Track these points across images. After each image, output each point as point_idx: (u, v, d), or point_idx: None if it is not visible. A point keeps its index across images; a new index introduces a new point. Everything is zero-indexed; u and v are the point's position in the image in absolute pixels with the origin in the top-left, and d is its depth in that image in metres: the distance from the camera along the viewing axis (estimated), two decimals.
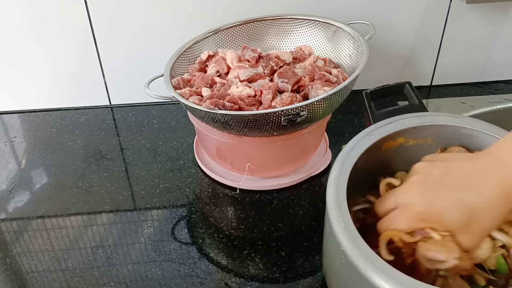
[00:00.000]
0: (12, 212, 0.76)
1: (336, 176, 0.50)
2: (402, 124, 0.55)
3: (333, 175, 0.50)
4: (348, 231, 0.45)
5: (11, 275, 0.65)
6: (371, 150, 0.55)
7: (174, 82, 0.74)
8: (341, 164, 0.51)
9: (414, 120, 0.56)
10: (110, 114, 0.98)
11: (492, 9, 0.92)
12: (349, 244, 0.44)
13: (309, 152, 0.79)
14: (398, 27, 0.93)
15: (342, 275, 0.49)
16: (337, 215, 0.46)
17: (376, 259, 0.43)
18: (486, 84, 1.02)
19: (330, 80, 0.73)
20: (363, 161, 0.55)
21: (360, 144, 0.53)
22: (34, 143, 0.91)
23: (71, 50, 0.92)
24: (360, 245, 0.44)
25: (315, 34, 0.84)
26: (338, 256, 0.47)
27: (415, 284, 0.41)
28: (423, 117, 0.56)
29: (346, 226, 0.45)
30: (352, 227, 0.45)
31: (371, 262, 0.43)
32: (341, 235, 0.45)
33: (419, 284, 0.41)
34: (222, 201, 0.76)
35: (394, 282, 0.41)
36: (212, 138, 0.74)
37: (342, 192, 0.48)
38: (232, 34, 0.86)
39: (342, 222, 0.46)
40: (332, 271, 0.54)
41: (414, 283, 0.41)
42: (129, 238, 0.70)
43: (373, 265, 0.42)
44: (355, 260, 0.43)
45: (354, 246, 0.44)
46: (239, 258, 0.66)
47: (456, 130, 0.56)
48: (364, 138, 0.54)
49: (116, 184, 0.80)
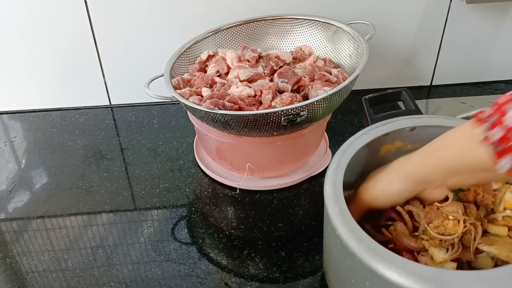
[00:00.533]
0: (12, 212, 0.76)
1: (334, 169, 0.53)
2: (397, 124, 0.58)
3: (331, 168, 0.54)
4: (343, 217, 0.48)
5: (11, 275, 0.65)
6: (370, 150, 0.58)
7: (174, 82, 0.74)
8: (339, 159, 0.55)
9: (409, 121, 0.59)
10: (110, 114, 0.98)
11: (492, 9, 0.92)
12: (343, 228, 0.47)
13: (309, 152, 0.79)
14: (398, 27, 0.93)
15: (339, 263, 0.51)
16: (333, 203, 0.49)
17: (369, 241, 0.45)
18: (486, 84, 1.02)
19: (330, 80, 0.73)
20: (363, 162, 0.58)
21: (358, 141, 0.57)
22: (34, 143, 0.91)
23: (71, 50, 0.92)
24: (354, 229, 0.47)
25: (315, 34, 0.84)
26: (334, 243, 0.49)
27: (407, 264, 0.43)
28: (418, 119, 0.60)
29: (342, 212, 0.48)
30: (347, 214, 0.48)
31: (364, 243, 0.45)
32: (336, 221, 0.48)
33: (411, 264, 0.43)
34: (222, 201, 0.76)
35: (387, 262, 0.43)
36: (212, 138, 0.74)
37: (339, 183, 0.51)
38: (232, 34, 0.86)
39: (338, 209, 0.49)
40: (330, 263, 0.56)
41: (407, 263, 0.43)
42: (129, 238, 0.70)
43: (367, 246, 0.45)
44: (349, 242, 0.45)
45: (348, 229, 0.47)
46: (239, 258, 0.66)
47: None
48: (361, 136, 0.57)
49: (116, 184, 0.80)
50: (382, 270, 0.43)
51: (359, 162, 0.57)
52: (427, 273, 0.42)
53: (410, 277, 0.42)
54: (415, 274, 0.42)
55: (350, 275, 0.49)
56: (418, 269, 0.43)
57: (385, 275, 0.43)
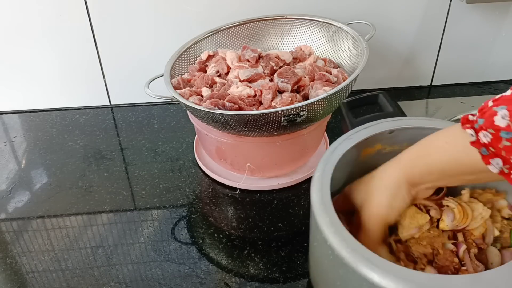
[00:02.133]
0: (12, 212, 0.76)
1: (319, 177, 0.52)
2: (379, 128, 0.58)
3: (316, 176, 0.53)
4: (334, 226, 0.47)
5: (11, 275, 0.65)
6: (352, 154, 0.57)
7: (174, 82, 0.74)
8: (324, 165, 0.53)
9: (390, 124, 0.58)
10: (110, 114, 0.98)
11: (492, 9, 0.92)
12: (335, 238, 0.45)
13: (309, 152, 0.79)
14: (398, 27, 0.93)
15: (330, 274, 0.50)
16: (322, 213, 0.48)
17: (363, 250, 0.44)
18: (486, 84, 1.02)
19: (330, 80, 0.73)
20: (347, 168, 0.58)
21: (341, 146, 0.56)
22: (34, 143, 0.91)
23: (71, 50, 0.92)
24: (346, 238, 0.45)
25: (315, 34, 0.84)
26: (325, 253, 0.48)
27: (403, 272, 0.43)
28: (399, 121, 0.59)
29: (332, 222, 0.47)
30: (337, 222, 0.47)
31: (358, 253, 0.44)
32: (327, 230, 0.46)
33: (407, 271, 0.43)
34: (222, 201, 0.76)
35: (382, 271, 0.42)
36: (212, 138, 0.74)
37: (326, 191, 0.50)
38: (232, 34, 0.86)
39: (328, 218, 0.47)
40: (319, 273, 0.55)
41: (402, 271, 0.43)
42: (129, 238, 0.70)
43: (361, 256, 0.44)
44: (342, 252, 0.44)
45: (340, 239, 0.45)
46: (239, 258, 0.66)
47: (431, 132, 0.59)
48: (344, 142, 0.56)
49: (116, 184, 0.80)
50: (378, 279, 0.42)
51: (342, 167, 0.57)
52: (424, 280, 0.42)
53: (407, 284, 0.41)
54: (411, 281, 0.41)
55: (343, 286, 0.48)
56: (414, 276, 0.42)
57: (381, 285, 0.42)
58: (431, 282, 0.42)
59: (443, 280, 0.42)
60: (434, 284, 0.41)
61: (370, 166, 0.56)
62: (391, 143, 0.59)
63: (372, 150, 0.59)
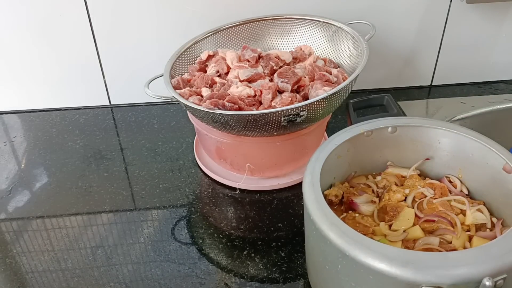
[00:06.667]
0: (12, 212, 0.76)
1: (313, 162, 0.56)
2: (376, 124, 0.61)
3: (311, 161, 0.57)
4: (318, 202, 0.51)
5: (11, 275, 0.65)
6: (350, 147, 0.62)
7: (174, 82, 0.74)
8: (319, 153, 0.58)
9: (388, 122, 0.62)
10: (110, 114, 0.98)
11: (492, 9, 0.92)
12: (318, 213, 0.49)
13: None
14: (398, 27, 0.93)
15: (315, 251, 0.53)
16: (309, 191, 0.52)
17: (341, 225, 0.47)
18: (487, 84, 1.02)
19: (330, 80, 0.72)
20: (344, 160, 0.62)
21: (338, 137, 0.60)
22: (34, 143, 0.91)
23: (71, 50, 0.92)
24: (327, 213, 0.49)
25: (315, 34, 0.84)
26: (310, 230, 0.52)
27: (374, 245, 0.45)
28: (398, 119, 0.63)
29: (317, 199, 0.51)
30: (322, 200, 0.51)
31: (336, 226, 0.47)
32: (311, 206, 0.50)
33: (378, 245, 0.45)
34: (222, 201, 0.76)
35: (355, 243, 0.45)
36: (212, 138, 0.74)
37: (316, 174, 0.54)
38: (232, 34, 0.86)
39: (313, 196, 0.51)
40: (309, 255, 0.58)
41: (374, 244, 0.45)
42: (129, 238, 0.70)
43: (338, 229, 0.47)
44: (322, 225, 0.48)
45: (322, 214, 0.49)
46: (239, 258, 0.66)
47: (431, 132, 0.62)
48: (342, 134, 0.61)
49: (116, 184, 0.80)
50: (352, 251, 0.45)
51: (339, 159, 0.60)
52: (393, 253, 0.44)
53: (377, 257, 0.43)
54: (381, 254, 0.44)
55: (324, 261, 0.51)
56: (385, 250, 0.44)
57: (352, 256, 0.44)
58: (401, 255, 0.44)
59: (412, 254, 0.44)
60: (403, 257, 0.43)
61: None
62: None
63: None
